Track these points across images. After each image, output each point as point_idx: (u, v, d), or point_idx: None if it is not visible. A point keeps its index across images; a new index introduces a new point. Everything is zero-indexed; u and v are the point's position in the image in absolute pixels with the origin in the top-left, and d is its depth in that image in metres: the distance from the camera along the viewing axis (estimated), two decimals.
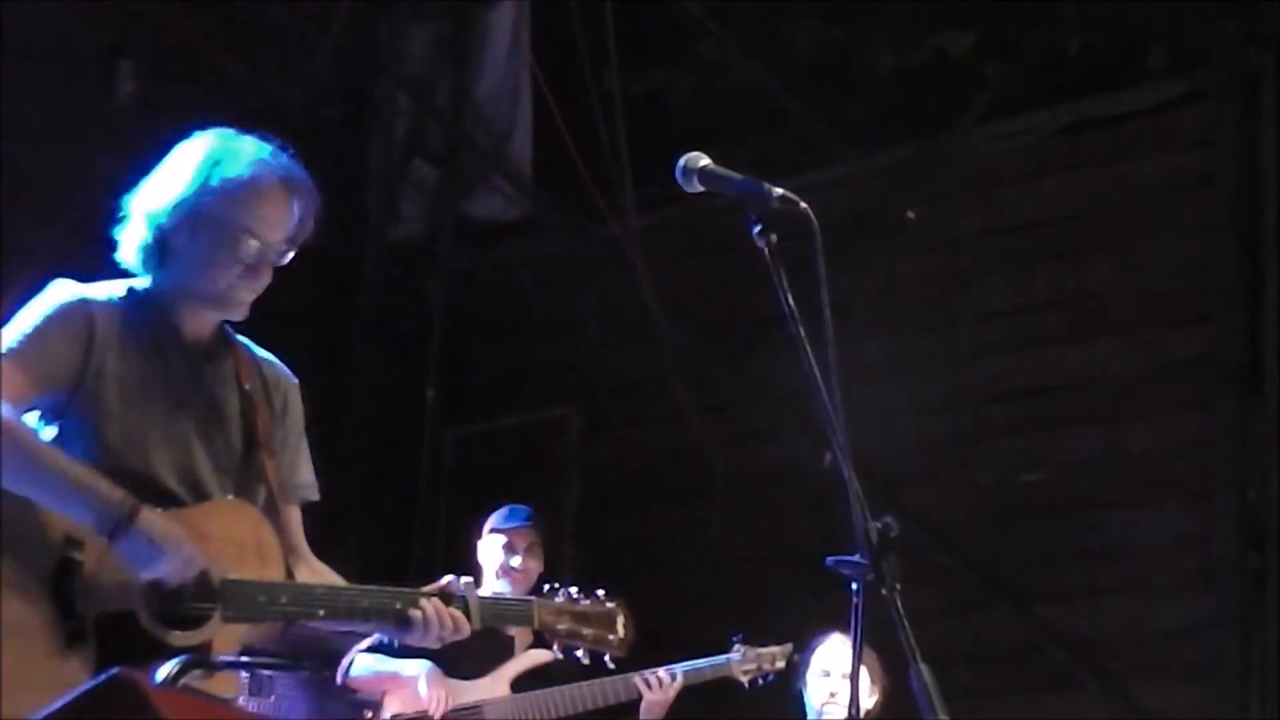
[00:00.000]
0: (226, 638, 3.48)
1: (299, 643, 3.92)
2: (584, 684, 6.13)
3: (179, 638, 3.41)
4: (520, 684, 6.22)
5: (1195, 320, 7.83)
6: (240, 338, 3.76)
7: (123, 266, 3.67)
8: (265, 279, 3.63)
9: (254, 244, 3.57)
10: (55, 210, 7.67)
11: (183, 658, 3.11)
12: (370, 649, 6.02)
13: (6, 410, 3.39)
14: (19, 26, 7.58)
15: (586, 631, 3.89)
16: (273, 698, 3.55)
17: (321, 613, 3.60)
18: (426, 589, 3.69)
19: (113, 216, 3.69)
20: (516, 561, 6.38)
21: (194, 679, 3.32)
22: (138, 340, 3.57)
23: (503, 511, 6.54)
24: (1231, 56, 7.85)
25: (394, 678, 6.10)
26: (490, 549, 6.45)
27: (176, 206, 3.59)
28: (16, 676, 3.27)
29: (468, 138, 9.39)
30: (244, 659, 3.37)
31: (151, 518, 3.38)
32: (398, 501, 9.05)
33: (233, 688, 3.50)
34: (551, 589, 3.93)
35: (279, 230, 3.61)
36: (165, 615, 3.41)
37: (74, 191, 7.74)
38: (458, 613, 3.68)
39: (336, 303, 8.94)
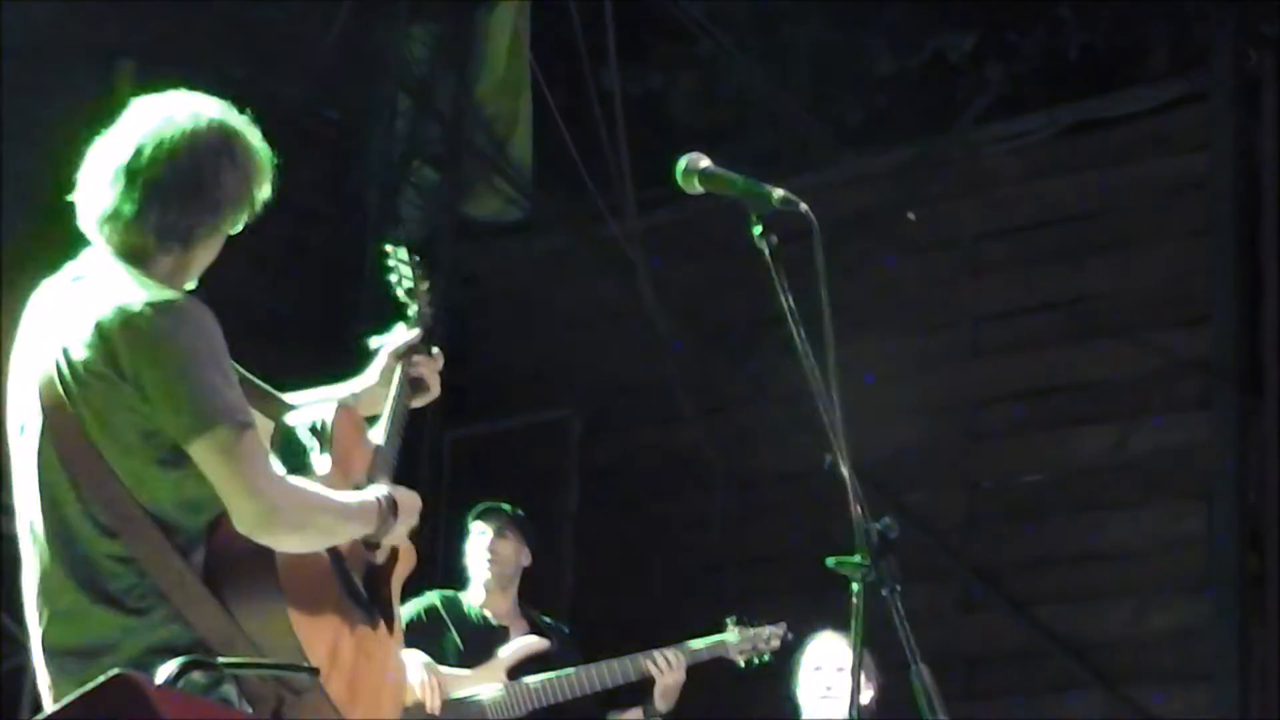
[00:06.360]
0: None
1: None
2: (589, 667, 6.13)
3: None
4: (516, 672, 6.18)
5: (1195, 321, 7.82)
6: None
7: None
8: None
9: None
10: (55, 211, 7.65)
11: (183, 659, 3.10)
12: None
13: (304, 481, 3.48)
14: (19, 26, 7.57)
15: None
16: None
17: None
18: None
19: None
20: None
21: None
22: None
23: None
24: (1231, 58, 7.84)
25: None
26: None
27: (193, 176, 3.41)
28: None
29: (468, 139, 9.38)
30: (243, 661, 3.35)
31: (402, 495, 3.79)
32: None
33: None
34: None
35: None
36: None
37: (74, 192, 7.74)
38: None
39: (336, 304, 8.93)
